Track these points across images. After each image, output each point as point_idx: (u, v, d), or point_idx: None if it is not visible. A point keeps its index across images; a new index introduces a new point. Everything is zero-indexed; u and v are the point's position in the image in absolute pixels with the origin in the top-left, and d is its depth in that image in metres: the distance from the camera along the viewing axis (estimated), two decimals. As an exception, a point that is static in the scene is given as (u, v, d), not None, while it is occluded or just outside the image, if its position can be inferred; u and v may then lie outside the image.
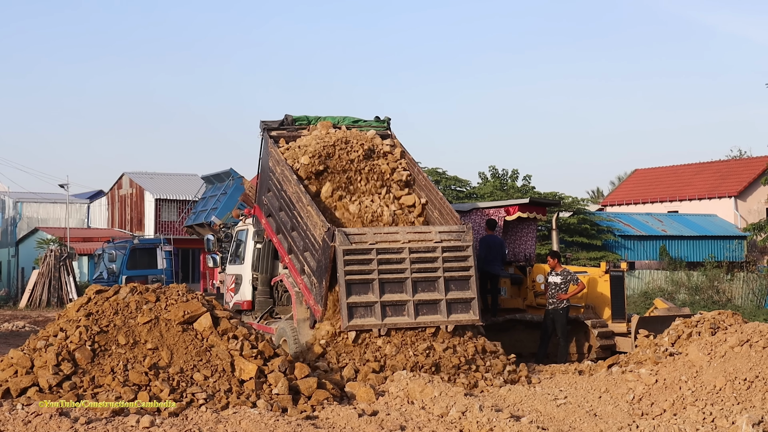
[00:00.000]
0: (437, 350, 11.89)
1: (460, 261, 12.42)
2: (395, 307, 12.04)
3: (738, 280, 29.99)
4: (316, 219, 12.45)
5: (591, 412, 10.09)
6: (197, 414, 9.25)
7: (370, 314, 11.93)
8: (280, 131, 14.39)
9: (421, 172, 14.05)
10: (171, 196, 47.68)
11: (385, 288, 12.08)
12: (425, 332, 12.10)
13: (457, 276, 12.33)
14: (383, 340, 11.89)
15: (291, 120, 14.50)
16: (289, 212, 13.40)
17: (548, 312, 14.62)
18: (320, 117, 14.62)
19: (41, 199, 51.62)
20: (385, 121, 14.85)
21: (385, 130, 14.75)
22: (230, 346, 10.25)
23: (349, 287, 11.93)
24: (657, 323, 14.07)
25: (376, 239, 12.25)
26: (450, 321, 12.09)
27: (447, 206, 13.37)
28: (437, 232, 12.57)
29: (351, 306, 11.87)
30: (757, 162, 45.57)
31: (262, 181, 14.70)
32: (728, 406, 9.34)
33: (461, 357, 11.91)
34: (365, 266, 12.05)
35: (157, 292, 10.72)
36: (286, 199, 13.45)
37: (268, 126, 14.39)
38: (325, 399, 10.12)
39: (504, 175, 38.76)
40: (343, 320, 11.82)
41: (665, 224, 41.95)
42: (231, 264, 16.70)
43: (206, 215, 28.12)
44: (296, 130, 14.46)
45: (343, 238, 12.04)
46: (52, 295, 33.35)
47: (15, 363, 9.78)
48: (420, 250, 12.32)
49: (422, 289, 12.21)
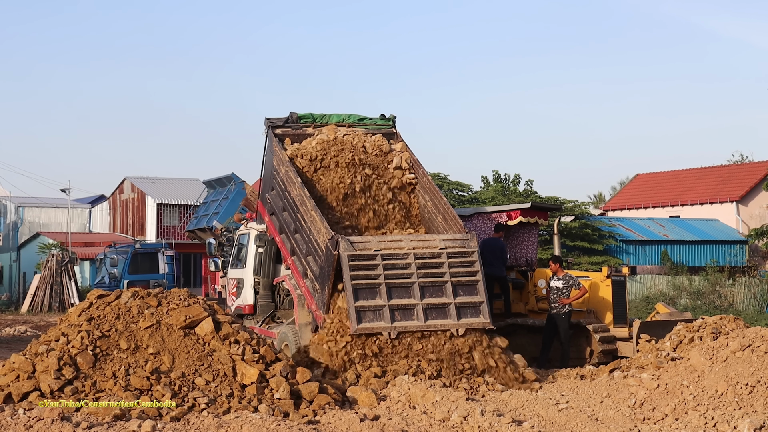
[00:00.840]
0: (444, 355, 11.82)
1: (466, 266, 12.33)
2: (404, 311, 11.92)
3: (740, 284, 30.00)
4: (320, 225, 12.42)
5: (593, 416, 10.08)
6: (199, 418, 9.25)
7: (379, 318, 11.81)
8: (285, 129, 14.29)
9: (425, 174, 13.99)
10: (173, 201, 47.68)
11: (392, 293, 11.97)
12: (432, 338, 11.97)
13: (465, 281, 12.24)
14: (389, 344, 11.80)
15: (296, 118, 14.40)
16: (293, 214, 13.36)
17: (550, 316, 14.61)
18: (325, 115, 14.54)
19: (43, 204, 51.66)
20: (390, 119, 14.77)
21: (390, 128, 14.69)
22: (232, 350, 10.25)
23: (356, 292, 11.82)
24: (659, 328, 14.06)
25: (381, 246, 12.20)
26: (460, 324, 11.97)
27: (451, 212, 13.30)
28: (441, 240, 12.51)
29: (359, 310, 11.76)
30: (759, 167, 45.57)
31: (265, 178, 14.63)
32: (730, 411, 9.34)
33: (467, 363, 11.82)
34: (371, 271, 11.97)
35: (159, 297, 10.73)
36: (290, 200, 13.41)
37: (273, 123, 14.29)
38: (327, 403, 10.11)
39: (506, 180, 38.80)
40: (351, 324, 11.70)
41: (667, 229, 41.95)
42: (233, 268, 16.69)
43: (208, 220, 28.18)
44: (301, 128, 14.35)
45: (347, 245, 12.00)
46: (53, 300, 33.36)
47: (17, 368, 9.79)
48: (425, 256, 12.25)
49: (430, 294, 12.11)
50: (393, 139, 14.57)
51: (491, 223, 15.86)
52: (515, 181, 38.61)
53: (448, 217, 13.34)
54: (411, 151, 14.38)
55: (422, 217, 14.01)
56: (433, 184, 13.91)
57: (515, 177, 38.73)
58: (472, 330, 12.08)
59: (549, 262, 15.02)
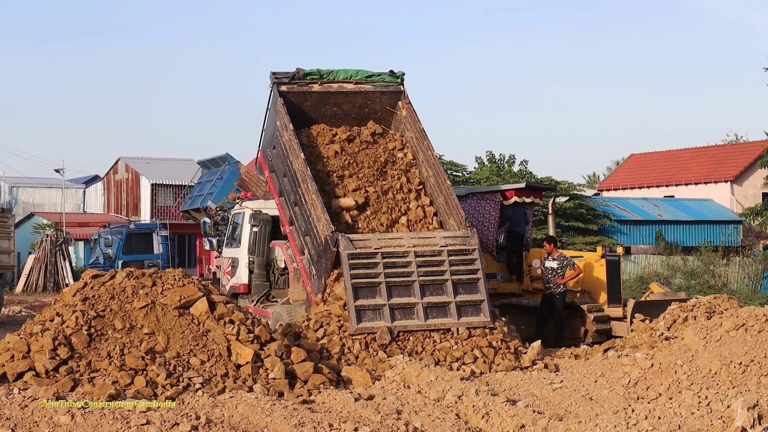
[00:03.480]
0: (443, 346, 11.67)
1: (467, 264, 12.24)
2: (404, 310, 11.81)
3: (734, 264, 30.03)
4: (320, 213, 12.31)
5: (587, 396, 10.11)
6: (194, 398, 9.25)
7: (379, 317, 11.68)
8: (291, 86, 13.96)
9: (430, 148, 13.69)
10: (167, 181, 47.60)
11: (392, 292, 11.86)
12: (432, 338, 11.82)
13: (465, 279, 12.15)
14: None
15: (302, 74, 14.05)
16: (294, 186, 13.21)
17: (545, 297, 14.63)
18: (333, 71, 14.21)
19: (37, 184, 51.53)
20: (398, 76, 14.38)
21: (398, 86, 14.34)
22: (227, 330, 10.25)
23: (355, 291, 11.71)
24: (653, 308, 14.10)
25: (381, 245, 12.09)
26: (461, 323, 11.86)
27: (453, 198, 13.08)
28: (441, 237, 12.41)
29: (359, 309, 11.66)
30: (753, 146, 45.55)
31: (267, 134, 14.38)
32: (723, 390, 9.37)
33: (465, 350, 11.71)
34: (371, 270, 11.87)
35: (154, 277, 10.71)
36: (291, 171, 13.25)
37: (279, 79, 13.91)
38: (322, 383, 10.13)
39: (501, 160, 38.73)
40: (351, 323, 11.59)
41: (661, 209, 41.98)
42: (227, 247, 16.69)
43: (202, 200, 28.17)
44: (307, 85, 14.03)
45: (347, 243, 11.91)
46: (48, 280, 33.30)
47: (11, 348, 9.78)
48: (425, 254, 12.14)
49: (430, 292, 11.99)
50: (400, 98, 14.26)
51: (486, 203, 15.86)
52: (510, 162, 38.55)
53: (450, 203, 13.14)
54: (416, 118, 14.00)
55: (426, 191, 13.81)
56: (437, 162, 13.61)
57: (510, 157, 38.67)
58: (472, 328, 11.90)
59: (543, 242, 15.05)
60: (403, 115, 14.20)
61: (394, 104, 14.31)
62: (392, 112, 14.28)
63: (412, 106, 14.17)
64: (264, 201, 16.39)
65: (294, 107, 13.86)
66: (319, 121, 14.26)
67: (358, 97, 14.19)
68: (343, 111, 14.25)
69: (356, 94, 14.17)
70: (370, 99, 14.23)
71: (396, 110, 14.27)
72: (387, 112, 14.30)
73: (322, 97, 14.09)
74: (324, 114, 14.24)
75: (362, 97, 14.19)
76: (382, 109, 14.31)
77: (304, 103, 14.03)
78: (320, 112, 14.21)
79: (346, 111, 14.26)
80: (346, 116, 14.28)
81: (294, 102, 13.91)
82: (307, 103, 14.06)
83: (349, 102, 14.19)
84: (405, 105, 14.21)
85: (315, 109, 14.16)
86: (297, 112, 13.90)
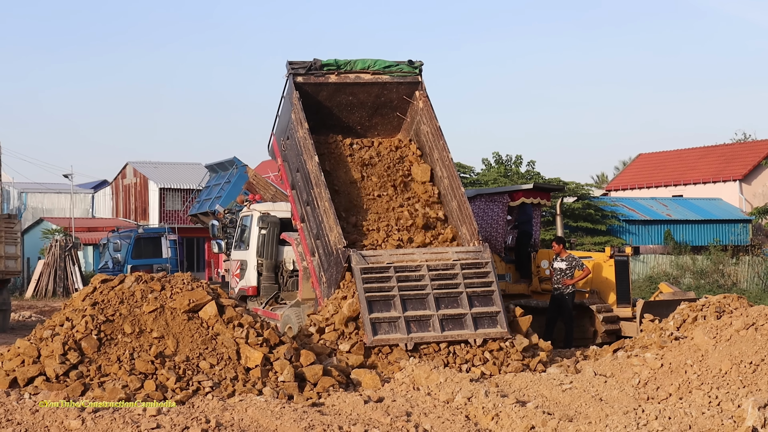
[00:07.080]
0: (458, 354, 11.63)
1: (481, 277, 12.13)
2: (420, 322, 11.70)
3: (743, 263, 29.93)
4: (333, 224, 12.23)
5: (596, 396, 10.09)
6: (203, 402, 9.27)
7: (395, 330, 11.57)
8: (307, 77, 13.76)
9: (445, 148, 13.51)
10: (175, 186, 47.66)
11: (407, 305, 11.74)
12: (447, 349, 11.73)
13: (480, 291, 12.03)
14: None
15: (319, 65, 13.82)
16: (306, 185, 13.12)
17: (553, 297, 14.62)
18: (350, 61, 14.01)
19: (46, 190, 51.64)
20: (417, 66, 14.16)
21: (416, 76, 14.14)
22: (236, 334, 10.26)
23: (370, 304, 11.60)
24: (662, 307, 14.06)
25: (393, 259, 12.02)
26: (478, 334, 11.73)
27: (466, 206, 12.97)
28: (454, 252, 12.35)
29: (374, 322, 11.55)
30: (762, 145, 45.44)
31: (281, 124, 14.23)
32: (734, 390, 9.34)
33: (475, 353, 11.66)
34: (384, 284, 11.79)
35: (162, 281, 10.73)
36: (304, 170, 13.14)
37: (296, 70, 13.70)
38: (331, 386, 10.13)
39: (508, 161, 38.68)
40: (367, 336, 11.47)
41: (670, 208, 41.89)
42: (236, 250, 16.71)
43: (210, 204, 28.18)
44: (324, 76, 13.83)
45: (359, 259, 11.84)
46: (57, 285, 33.40)
47: (22, 353, 9.81)
48: (438, 267, 12.07)
49: (445, 305, 11.86)
50: (417, 88, 14.10)
51: (494, 205, 15.86)
52: (517, 163, 38.49)
53: (464, 211, 13.01)
54: (432, 114, 13.82)
55: (440, 194, 13.70)
56: (452, 164, 13.44)
57: (517, 158, 38.61)
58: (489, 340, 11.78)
59: (552, 243, 15.03)
60: (420, 106, 14.05)
61: (410, 94, 14.15)
62: (408, 101, 14.14)
63: (429, 99, 13.99)
64: (272, 203, 16.42)
65: (309, 97, 13.72)
66: (334, 110, 14.13)
67: (375, 88, 14.03)
68: (359, 100, 14.10)
69: (373, 85, 14.01)
70: (386, 89, 14.08)
71: (413, 100, 14.14)
72: (403, 101, 14.15)
73: (339, 88, 13.94)
74: (339, 103, 14.10)
75: (379, 87, 14.04)
76: (398, 98, 14.14)
77: (319, 93, 13.88)
78: (335, 101, 14.07)
79: (362, 100, 14.11)
80: (362, 105, 14.17)
81: (309, 92, 13.78)
82: (322, 93, 13.91)
83: (365, 92, 14.05)
84: (422, 96, 14.05)
85: (330, 98, 14.02)
86: (312, 101, 13.76)
